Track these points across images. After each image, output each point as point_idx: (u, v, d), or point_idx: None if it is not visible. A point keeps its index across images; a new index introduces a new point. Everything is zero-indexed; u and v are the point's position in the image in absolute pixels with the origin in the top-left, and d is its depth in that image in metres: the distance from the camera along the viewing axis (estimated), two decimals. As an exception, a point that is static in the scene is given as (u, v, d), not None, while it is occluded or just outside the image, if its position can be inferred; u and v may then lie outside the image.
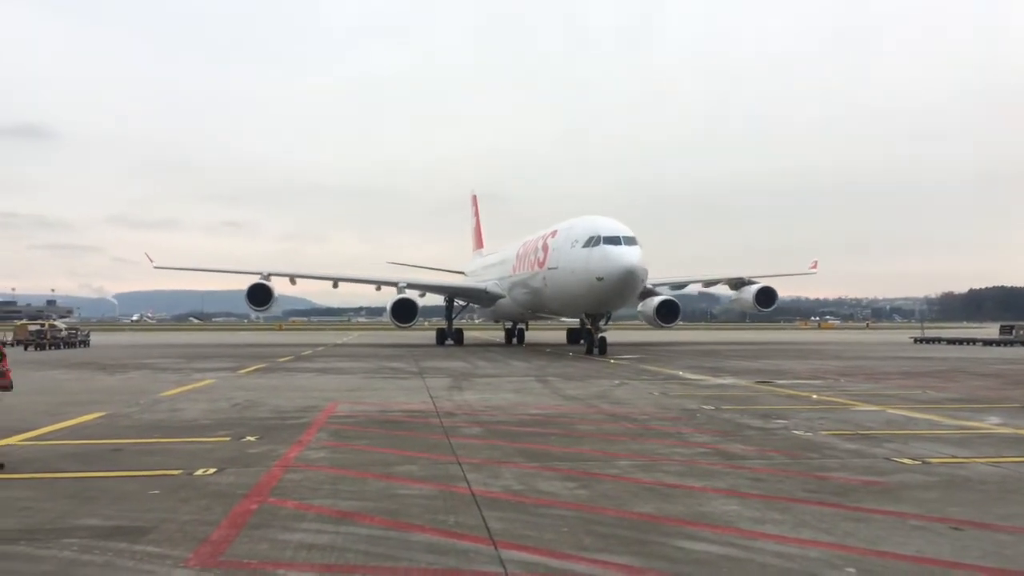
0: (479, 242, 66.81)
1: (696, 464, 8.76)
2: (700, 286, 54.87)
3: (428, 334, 60.71)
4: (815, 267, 52.42)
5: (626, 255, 30.37)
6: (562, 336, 50.91)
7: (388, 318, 44.03)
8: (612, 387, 18.49)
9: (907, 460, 8.93)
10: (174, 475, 8.09)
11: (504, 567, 5.13)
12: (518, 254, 41.90)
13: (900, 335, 73.22)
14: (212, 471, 8.26)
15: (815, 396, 16.40)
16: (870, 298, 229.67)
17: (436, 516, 6.41)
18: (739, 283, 47.09)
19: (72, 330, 51.66)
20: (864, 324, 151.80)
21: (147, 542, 5.70)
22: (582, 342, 36.95)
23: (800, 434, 11.01)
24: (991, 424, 12.16)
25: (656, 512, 6.56)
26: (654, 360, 30.17)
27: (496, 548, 5.54)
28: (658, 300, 43.22)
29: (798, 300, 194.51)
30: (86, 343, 47.55)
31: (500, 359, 31.60)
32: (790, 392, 17.31)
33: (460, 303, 51.15)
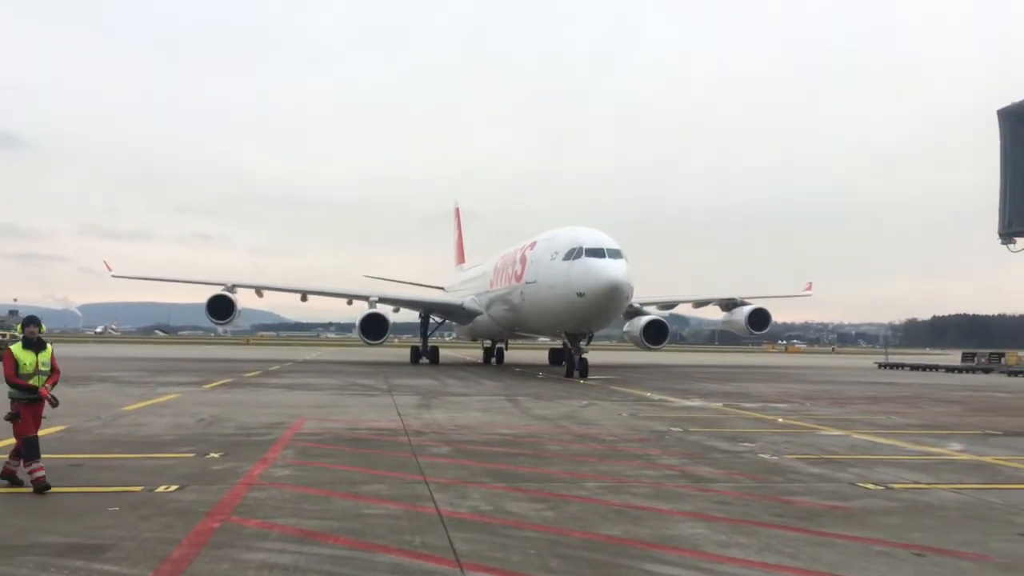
0: (461, 256, 64.08)
1: (664, 487, 8.77)
2: (691, 306, 51.74)
3: (402, 351, 59.01)
4: (809, 289, 51.19)
5: (610, 269, 28.10)
6: (545, 356, 48.52)
7: (357, 334, 42.06)
8: (581, 407, 18.50)
9: (871, 485, 9.03)
10: (135, 492, 7.94)
11: (470, 589, 5.09)
12: (496, 267, 39.55)
13: (865, 360, 74.20)
14: (174, 488, 8.12)
15: (781, 420, 16.54)
16: (835, 323, 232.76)
17: (402, 536, 6.35)
18: (731, 304, 45.41)
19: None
20: (830, 348, 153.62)
21: (106, 560, 5.58)
22: (564, 363, 34.26)
23: (766, 457, 11.09)
24: (953, 450, 12.34)
25: (623, 535, 6.56)
26: (624, 381, 30.09)
27: (462, 570, 5.50)
28: (645, 320, 41.34)
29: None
30: (48, 354, 46.61)
31: (471, 378, 31.42)
32: (757, 415, 17.44)
33: (436, 319, 48.62)
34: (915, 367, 54.31)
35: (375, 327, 40.55)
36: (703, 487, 8.78)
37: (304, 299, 47.23)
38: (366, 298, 43.73)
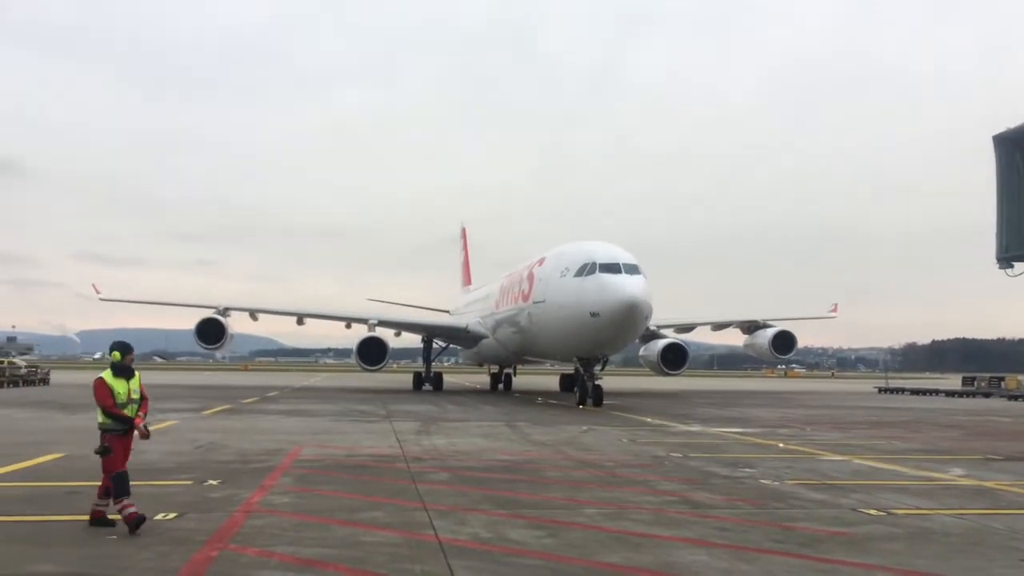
0: (468, 278, 61.06)
1: (664, 513, 8.73)
2: (709, 328, 47.97)
3: (403, 377, 56.95)
4: (835, 311, 48.96)
5: (627, 285, 25.26)
6: (555, 382, 46.23)
7: (354, 359, 39.63)
8: (580, 433, 18.43)
9: (873, 511, 8.99)
10: (133, 520, 7.88)
11: (470, 618, 5.05)
12: (502, 287, 36.96)
13: (864, 385, 74.02)
14: (172, 516, 8.07)
15: (782, 445, 16.48)
16: (835, 347, 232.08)
17: (402, 565, 6.31)
18: (752, 327, 42.82)
19: (32, 367, 50.55)
20: (829, 373, 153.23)
21: (103, 590, 5.54)
22: (575, 390, 30.56)
23: (767, 483, 11.04)
24: (955, 475, 12.30)
25: (624, 562, 6.52)
26: (623, 407, 29.87)
27: (462, 598, 5.46)
28: (663, 344, 38.93)
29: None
30: (46, 381, 46.51)
31: (471, 404, 31.21)
32: (757, 440, 17.38)
33: (440, 344, 46.17)
34: (915, 391, 54.27)
35: (373, 352, 38.50)
36: (704, 513, 8.73)
37: (300, 322, 45.40)
38: (365, 321, 41.73)
